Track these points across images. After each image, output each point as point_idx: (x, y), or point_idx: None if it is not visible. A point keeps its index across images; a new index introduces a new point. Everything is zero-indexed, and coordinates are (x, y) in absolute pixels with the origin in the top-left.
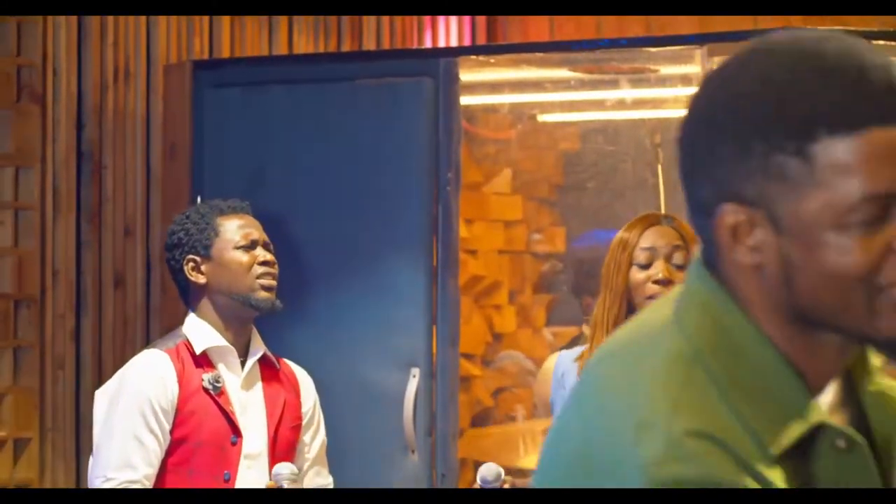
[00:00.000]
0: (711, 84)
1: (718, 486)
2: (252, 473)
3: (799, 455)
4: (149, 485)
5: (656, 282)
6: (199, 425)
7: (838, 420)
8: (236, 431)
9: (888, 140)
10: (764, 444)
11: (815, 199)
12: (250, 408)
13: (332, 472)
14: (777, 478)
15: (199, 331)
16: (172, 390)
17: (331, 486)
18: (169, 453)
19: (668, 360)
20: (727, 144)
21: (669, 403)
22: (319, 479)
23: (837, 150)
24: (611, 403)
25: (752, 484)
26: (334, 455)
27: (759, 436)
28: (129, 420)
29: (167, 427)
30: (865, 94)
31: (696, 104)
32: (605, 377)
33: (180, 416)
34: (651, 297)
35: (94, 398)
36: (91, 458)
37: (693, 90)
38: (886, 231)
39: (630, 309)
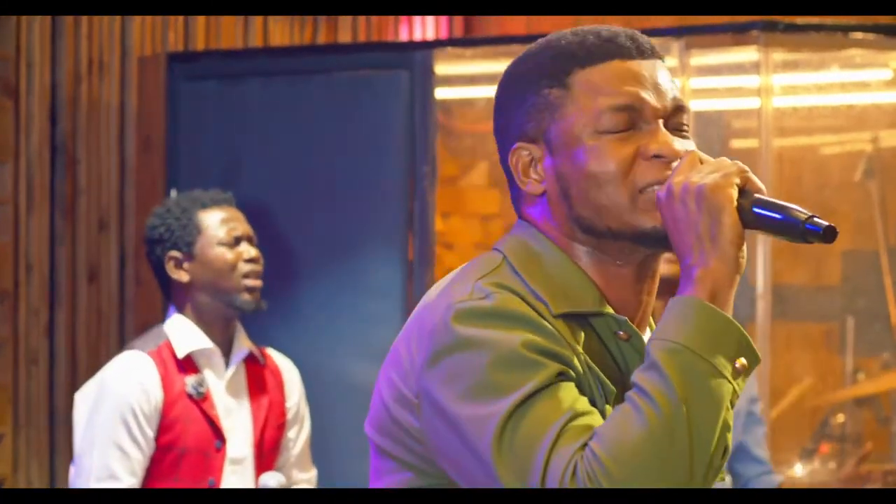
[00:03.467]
0: (510, 64)
1: (510, 312)
2: (236, 479)
3: (589, 327)
4: None
5: None
6: (182, 432)
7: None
8: (220, 437)
9: (626, 68)
10: (549, 307)
11: (573, 115)
12: (235, 411)
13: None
14: (561, 327)
15: (182, 331)
16: (156, 396)
17: (314, 481)
18: (153, 462)
19: (481, 261)
20: (514, 97)
21: (479, 275)
22: (302, 475)
23: (587, 76)
24: (442, 285)
25: (541, 320)
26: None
27: (546, 301)
28: (111, 428)
29: (151, 434)
30: (607, 39)
31: (500, 81)
32: (442, 280)
33: (164, 423)
34: None
35: (74, 401)
36: (72, 468)
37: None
38: (634, 139)
39: None
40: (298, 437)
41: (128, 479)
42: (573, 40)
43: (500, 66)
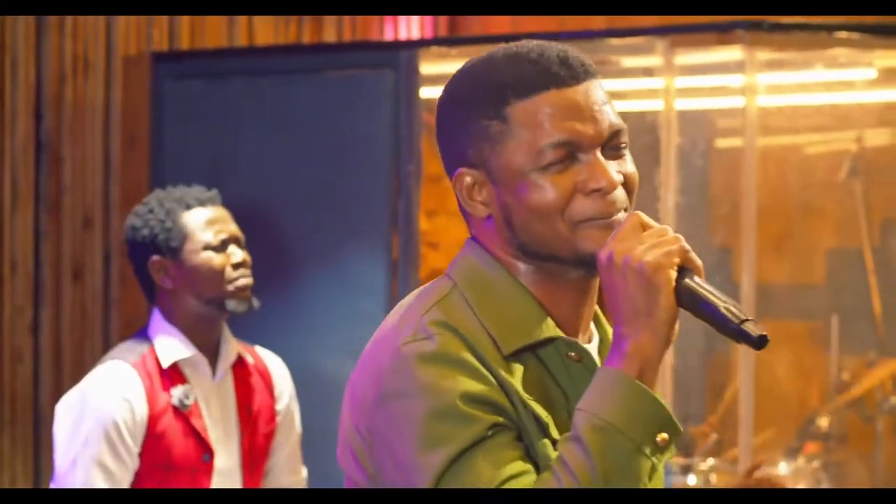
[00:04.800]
0: (447, 85)
1: (448, 358)
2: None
3: (535, 359)
4: None
5: None
6: (169, 448)
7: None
8: (208, 450)
9: (562, 99)
10: (499, 345)
11: (513, 150)
12: (223, 421)
13: None
14: (506, 371)
15: (167, 339)
16: (140, 410)
17: (303, 482)
18: (139, 477)
19: (432, 290)
20: (454, 123)
21: (425, 309)
22: (292, 477)
23: (525, 109)
24: (395, 315)
25: (477, 365)
26: None
27: (495, 339)
28: (93, 445)
29: (135, 450)
30: (542, 67)
31: (439, 101)
32: (397, 308)
33: (149, 438)
34: None
35: (55, 413)
36: (52, 485)
37: (656, 81)
38: (573, 172)
39: None
40: (288, 438)
41: None
42: (508, 71)
43: None
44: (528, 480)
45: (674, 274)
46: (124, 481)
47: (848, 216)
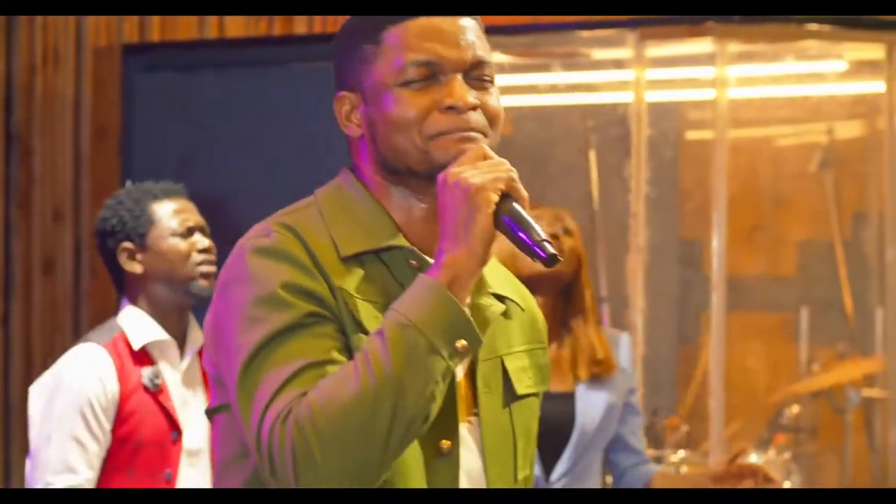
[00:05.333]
0: (343, 22)
1: (278, 252)
2: (193, 471)
3: (381, 264)
4: (91, 487)
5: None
6: (139, 425)
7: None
8: (177, 428)
9: (430, 24)
10: (338, 248)
11: (380, 67)
12: (191, 402)
13: None
14: (341, 272)
15: (136, 323)
16: (112, 388)
17: None
18: (110, 454)
19: (298, 202)
20: (340, 51)
21: (279, 214)
22: None
23: (396, 32)
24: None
25: (306, 261)
26: None
27: (336, 243)
28: (68, 421)
29: (107, 427)
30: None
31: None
32: None
33: (120, 415)
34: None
35: (28, 395)
36: (28, 462)
37: (626, 73)
38: (433, 91)
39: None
40: None
41: (85, 471)
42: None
43: None
44: (334, 368)
45: (495, 198)
46: (97, 457)
47: (819, 208)
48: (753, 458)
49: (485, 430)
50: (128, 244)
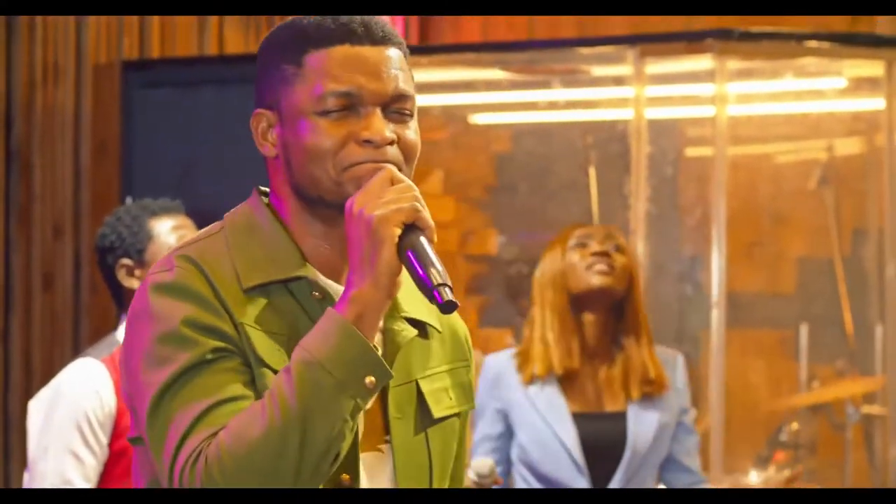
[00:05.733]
0: (266, 35)
1: (179, 288)
2: None
3: (288, 294)
4: None
5: (594, 254)
6: None
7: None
8: None
9: (353, 53)
10: (240, 279)
11: (300, 92)
12: None
13: None
14: (243, 304)
15: None
16: (109, 402)
17: None
18: (107, 468)
19: (205, 230)
20: (261, 68)
21: (184, 244)
22: None
23: (318, 57)
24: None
25: (208, 296)
26: None
27: (238, 273)
28: (66, 435)
29: (105, 441)
30: (342, 24)
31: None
32: None
33: (118, 430)
34: (598, 289)
35: (28, 409)
36: (26, 474)
37: (626, 90)
38: (350, 122)
39: (577, 307)
40: None
41: (82, 485)
42: (312, 23)
43: (454, 74)
44: (243, 405)
45: (398, 231)
46: (94, 470)
47: (818, 225)
48: (753, 475)
49: (397, 458)
50: (126, 260)
